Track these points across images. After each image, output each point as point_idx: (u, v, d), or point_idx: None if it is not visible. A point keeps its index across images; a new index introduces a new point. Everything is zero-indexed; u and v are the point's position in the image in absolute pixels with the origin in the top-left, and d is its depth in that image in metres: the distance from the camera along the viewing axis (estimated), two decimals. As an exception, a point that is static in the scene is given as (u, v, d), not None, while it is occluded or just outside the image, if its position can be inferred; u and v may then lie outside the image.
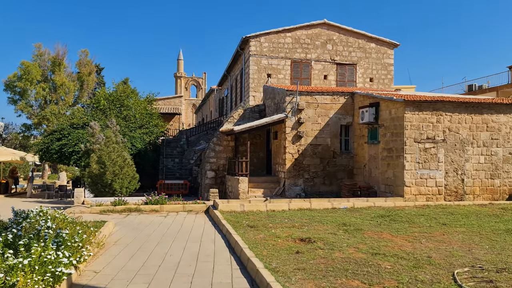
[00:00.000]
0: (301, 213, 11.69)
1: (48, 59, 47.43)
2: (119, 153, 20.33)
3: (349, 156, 18.43)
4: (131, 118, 30.41)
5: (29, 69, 44.53)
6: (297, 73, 24.33)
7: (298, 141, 17.94)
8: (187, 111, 69.39)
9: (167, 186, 27.10)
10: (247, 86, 24.69)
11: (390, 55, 25.47)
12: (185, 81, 78.40)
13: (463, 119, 15.00)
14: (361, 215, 11.28)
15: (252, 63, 23.96)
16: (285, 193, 17.76)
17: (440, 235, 8.39)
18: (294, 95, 17.93)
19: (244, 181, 17.37)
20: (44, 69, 46.80)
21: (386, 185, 15.58)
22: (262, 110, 21.45)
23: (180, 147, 32.42)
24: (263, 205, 12.56)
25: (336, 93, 18.33)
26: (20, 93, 45.77)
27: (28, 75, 44.51)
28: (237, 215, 11.29)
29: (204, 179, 21.00)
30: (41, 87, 45.74)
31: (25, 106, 45.72)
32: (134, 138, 27.73)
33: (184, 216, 12.03)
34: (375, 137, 16.51)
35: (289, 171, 17.80)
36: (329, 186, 18.16)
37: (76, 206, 13.60)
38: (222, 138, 20.81)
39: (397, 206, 13.14)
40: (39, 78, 45.64)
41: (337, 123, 18.32)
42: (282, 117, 17.84)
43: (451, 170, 14.84)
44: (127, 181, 20.06)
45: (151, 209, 13.07)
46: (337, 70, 24.76)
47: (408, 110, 14.62)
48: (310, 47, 24.48)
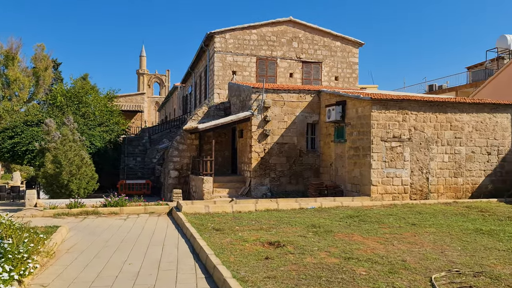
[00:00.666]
0: (269, 214, 11.30)
1: (0, 53, 44.93)
2: (77, 152, 19.31)
3: (316, 155, 18.24)
4: (90, 116, 29.17)
5: (-20, 63, 42.05)
6: (262, 70, 23.97)
7: (264, 139, 17.57)
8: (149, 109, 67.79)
9: (128, 186, 26.15)
10: (211, 83, 24.11)
11: (355, 54, 25.54)
12: (147, 78, 76.56)
13: (428, 118, 15.07)
14: (330, 215, 11.02)
15: (217, 60, 23.40)
16: (251, 193, 17.36)
17: (411, 236, 8.20)
18: (260, 92, 17.54)
19: (209, 181, 16.84)
20: (-4, 63, 44.33)
21: (353, 184, 15.46)
22: (227, 107, 20.94)
23: (142, 146, 31.41)
24: (229, 206, 12.09)
25: (303, 91, 18.08)
26: (-31, 88, 43.15)
27: (-22, 69, 42.02)
28: (202, 217, 10.77)
29: (167, 179, 20.29)
30: (-8, 82, 43.29)
31: (-24, 102, 43.15)
32: (93, 136, 26.59)
33: (146, 219, 11.39)
34: (341, 136, 16.36)
35: (255, 170, 17.40)
36: (295, 186, 17.90)
37: (27, 209, 12.66)
38: (186, 136, 20.17)
39: (365, 205, 12.99)
40: (-10, 73, 43.18)
41: (304, 122, 18.07)
42: (248, 115, 17.42)
43: (417, 169, 14.88)
44: (85, 182, 19.08)
45: (110, 211, 12.33)
46: (303, 68, 24.57)
47: (375, 109, 14.53)
48: (276, 45, 24.17)
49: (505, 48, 28.95)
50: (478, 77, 30.54)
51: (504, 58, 29.95)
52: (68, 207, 12.37)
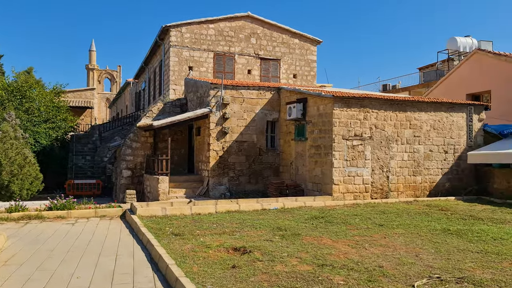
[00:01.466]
0: (230, 216, 10.70)
1: None
2: (19, 150, 17.86)
3: (275, 154, 17.82)
4: (34, 111, 27.27)
5: None
6: (220, 66, 23.29)
7: (223, 137, 16.94)
8: (100, 106, 65.14)
9: (77, 186, 24.71)
10: (167, 79, 23.15)
11: (313, 52, 25.41)
12: (98, 74, 73.61)
13: (389, 116, 15.02)
14: (294, 216, 10.58)
15: (173, 55, 22.48)
16: (209, 193, 16.68)
17: (382, 238, 7.89)
18: (218, 88, 16.88)
19: (165, 180, 16.00)
20: None
21: (314, 183, 15.16)
22: (183, 104, 20.11)
23: (92, 144, 29.87)
24: (188, 208, 11.38)
25: (262, 88, 17.61)
26: None
27: None
28: (159, 221, 10.01)
29: (120, 178, 19.20)
30: None
31: None
32: (38, 133, 24.90)
33: (96, 223, 10.46)
34: (302, 134, 16.03)
35: (213, 169, 16.74)
36: (255, 185, 17.41)
37: (-40, 214, 11.32)
38: (139, 134, 19.16)
39: (328, 205, 12.69)
40: None
41: (263, 119, 17.60)
42: (206, 112, 16.72)
43: (377, 167, 14.79)
44: (28, 182, 17.68)
45: (56, 215, 11.28)
46: (261, 65, 24.13)
47: (337, 107, 14.27)
48: (234, 40, 23.57)
49: (455, 50, 29.89)
50: (430, 77, 31.39)
51: (454, 59, 30.96)
52: (8, 211, 11.18)
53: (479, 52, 22.22)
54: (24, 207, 11.48)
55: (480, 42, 29.60)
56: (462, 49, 29.61)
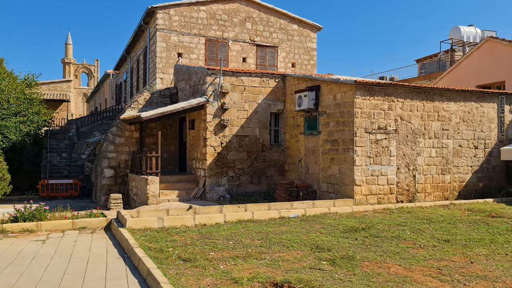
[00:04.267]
0: (245, 228, 8.55)
1: None
2: (-19, 146, 15.24)
3: (280, 150, 15.72)
4: (3, 104, 24.43)
5: None
6: (212, 53, 21.02)
7: (222, 131, 14.74)
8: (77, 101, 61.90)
9: (52, 186, 22.08)
10: (153, 67, 20.76)
11: (313, 39, 23.35)
12: (74, 68, 70.25)
13: (415, 107, 13.07)
14: (325, 228, 8.50)
15: (160, 39, 20.10)
16: (206, 195, 14.48)
17: (468, 264, 5.88)
18: (216, 75, 14.66)
19: (155, 181, 13.74)
20: None
21: (329, 183, 13.12)
22: (173, 94, 17.79)
23: (68, 140, 27.15)
24: (189, 217, 9.16)
25: (266, 75, 15.45)
26: None
27: None
28: (156, 236, 7.77)
29: (101, 179, 16.79)
30: None
31: None
32: (7, 127, 22.12)
33: (74, 239, 8.16)
34: (314, 127, 13.96)
35: (210, 168, 14.53)
36: (257, 186, 15.28)
37: None
38: (124, 127, 16.77)
39: (356, 211, 10.64)
40: None
41: (267, 111, 15.46)
42: (202, 102, 14.47)
43: (403, 165, 12.84)
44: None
45: (23, 228, 8.92)
46: (257, 52, 21.95)
47: (359, 95, 12.24)
48: (228, 25, 21.32)
49: (458, 40, 28.28)
50: (431, 69, 29.77)
51: (455, 50, 29.39)
52: (-41, 224, 8.77)
53: (492, 40, 20.50)
54: (-19, 218, 9.08)
55: (484, 31, 28.11)
56: (466, 39, 28.00)
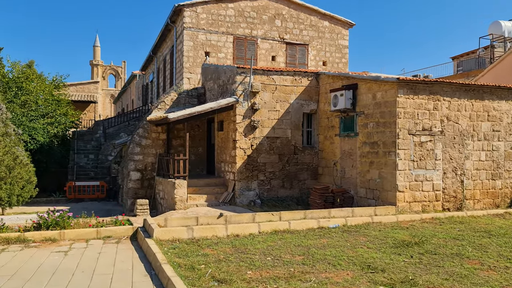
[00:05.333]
0: (282, 239, 7.77)
1: None
2: (8, 149, 14.99)
3: (313, 152, 14.86)
4: (31, 105, 24.42)
5: None
6: (240, 52, 20.32)
7: (252, 133, 14.01)
8: (104, 102, 62.39)
9: (79, 188, 21.86)
10: (180, 67, 20.22)
11: (345, 36, 22.37)
12: (102, 70, 70.90)
13: (463, 106, 12.02)
14: (372, 241, 7.64)
15: (187, 38, 19.52)
16: (235, 200, 13.77)
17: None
18: (246, 74, 13.94)
19: (182, 185, 13.12)
20: None
21: (368, 189, 12.21)
22: (201, 94, 17.18)
23: (95, 141, 27.00)
24: (222, 227, 8.45)
25: (298, 73, 14.63)
26: None
27: None
28: (186, 249, 7.08)
29: (127, 181, 16.31)
30: None
31: None
32: (35, 129, 22.01)
33: (98, 251, 7.55)
34: (350, 128, 13.07)
35: (240, 171, 13.82)
36: (289, 190, 14.47)
37: None
38: (150, 129, 16.25)
39: (401, 221, 9.72)
40: None
41: (299, 111, 14.64)
42: (231, 102, 13.77)
43: (450, 169, 11.80)
44: (18, 187, 14.82)
45: (45, 237, 8.40)
46: (287, 50, 21.13)
47: (402, 93, 11.29)
48: (256, 22, 20.59)
49: (499, 35, 26.75)
50: (469, 66, 28.28)
51: (496, 46, 27.84)
52: (-21, 232, 8.31)
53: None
54: (2, 226, 8.60)
55: (526, 26, 26.49)
56: (507, 34, 26.47)
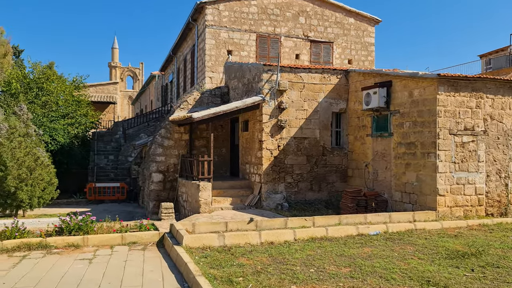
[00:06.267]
0: (321, 248, 7.15)
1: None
2: (29, 150, 14.71)
3: (343, 153, 14.19)
4: (52, 106, 24.27)
5: None
6: (263, 50, 19.75)
7: (279, 133, 13.41)
8: (122, 104, 62.53)
9: (99, 190, 21.56)
10: (201, 66, 19.74)
11: (371, 33, 21.62)
12: (120, 72, 71.17)
13: (507, 104, 11.22)
14: (421, 250, 6.96)
15: (209, 36, 19.04)
16: (262, 203, 13.19)
17: None
18: (273, 72, 13.35)
19: (207, 188, 12.59)
20: None
21: (404, 192, 11.49)
22: (224, 93, 16.65)
23: (115, 142, 26.73)
24: (255, 234, 7.86)
25: (327, 71, 13.98)
26: None
27: None
28: (219, 258, 6.52)
29: (149, 183, 15.87)
30: None
31: None
32: (56, 130, 21.82)
33: (124, 259, 7.04)
34: (384, 128, 12.37)
35: (266, 173, 13.23)
36: (317, 193, 13.83)
37: None
38: (173, 129, 15.79)
39: (447, 227, 9.00)
40: None
41: (328, 110, 13.99)
42: (257, 101, 13.19)
43: (494, 172, 11.02)
44: (39, 189, 14.51)
45: (68, 243, 7.93)
46: (311, 48, 20.48)
47: (442, 90, 10.56)
48: (280, 19, 19.99)
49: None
50: (499, 64, 27.20)
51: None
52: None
53: None
54: (23, 231, 8.17)
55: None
56: (540, 30, 25.29)
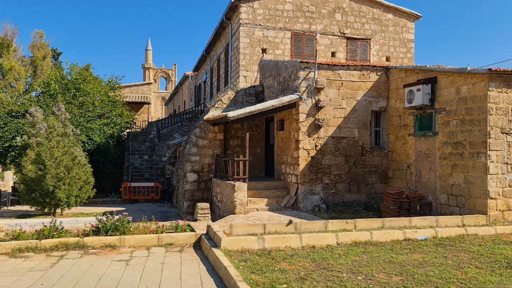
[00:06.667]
0: (367, 253, 6.73)
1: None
2: (67, 149, 14.86)
3: (382, 154, 13.63)
4: (89, 106, 24.68)
5: (-31, 51, 37.30)
6: (298, 48, 19.35)
7: (316, 132, 13.00)
8: (156, 104, 63.36)
9: (134, 189, 21.69)
10: (235, 65, 19.54)
11: (411, 29, 20.84)
12: (153, 73, 72.25)
13: None
14: (477, 258, 6.44)
15: (243, 35, 18.81)
16: (298, 205, 12.81)
17: None
18: (310, 69, 12.96)
19: (242, 188, 12.32)
20: (-12, 52, 39.67)
21: (450, 194, 10.86)
22: (259, 92, 16.36)
23: (149, 142, 26.92)
24: (295, 237, 7.51)
25: (366, 68, 13.47)
26: (-42, 79, 38.53)
27: (-32, 58, 37.32)
28: (260, 262, 6.22)
29: (183, 183, 15.77)
30: (-16, 72, 38.69)
31: (-34, 95, 38.59)
32: (92, 129, 22.10)
33: (161, 261, 6.85)
34: (428, 127, 11.75)
35: (303, 174, 12.84)
36: (356, 194, 13.33)
37: (-24, 238, 8.15)
38: (207, 129, 15.62)
39: (501, 233, 8.39)
40: (-19, 62, 38.48)
41: (367, 109, 13.47)
42: (294, 99, 12.83)
43: (550, 174, 10.24)
44: (76, 188, 14.64)
45: (105, 243, 7.82)
46: (348, 46, 19.92)
47: (493, 87, 9.90)
48: (315, 17, 19.54)
49: None
50: (547, 60, 25.79)
51: None
52: (37, 236, 7.85)
53: None
54: (61, 230, 8.12)
55: None
56: None
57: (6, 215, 16.75)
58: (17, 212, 17.77)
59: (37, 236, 7.85)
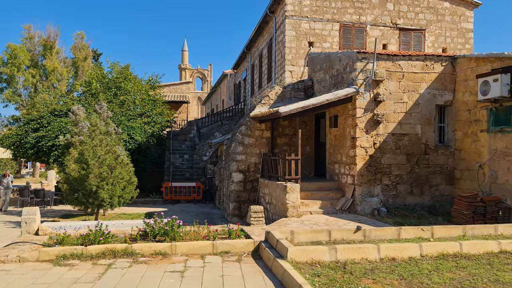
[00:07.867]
0: (462, 269, 5.66)
1: (38, 43, 41.02)
2: (109, 148, 14.35)
3: (448, 152, 12.36)
4: (129, 105, 24.40)
5: (16, 52, 38.15)
6: (347, 41, 18.20)
7: (375, 129, 11.89)
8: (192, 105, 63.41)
9: (175, 189, 21.16)
10: (280, 59, 18.61)
11: (469, 18, 19.27)
12: (190, 73, 72.46)
13: None
14: None
15: (289, 28, 17.85)
16: (355, 208, 11.75)
17: None
18: (368, 60, 11.87)
19: (295, 189, 11.37)
20: (33, 53, 40.54)
21: (535, 198, 9.53)
22: (308, 87, 15.37)
23: (190, 141, 26.39)
24: (373, 248, 6.48)
25: (430, 58, 12.23)
26: (6, 80, 39.52)
27: (15, 60, 38.17)
28: (337, 280, 5.27)
29: (228, 183, 14.98)
30: (30, 73, 39.52)
31: (12, 95, 39.56)
32: (133, 128, 21.72)
33: (220, 273, 6.01)
34: (506, 122, 10.43)
35: (361, 174, 11.76)
36: (419, 197, 12.12)
37: (19, 242, 7.59)
38: (253, 126, 14.76)
39: None
40: (27, 63, 39.33)
41: (431, 103, 12.23)
42: (351, 93, 11.77)
43: None
44: (119, 188, 14.10)
45: (155, 250, 7.07)
46: (400, 37, 18.59)
47: None
48: (365, 7, 18.33)
49: None
50: None
51: None
52: (82, 241, 7.19)
53: None
54: (107, 234, 7.44)
55: None
56: None
57: (49, 215, 16.52)
58: (60, 212, 17.54)
59: (82, 241, 7.20)
